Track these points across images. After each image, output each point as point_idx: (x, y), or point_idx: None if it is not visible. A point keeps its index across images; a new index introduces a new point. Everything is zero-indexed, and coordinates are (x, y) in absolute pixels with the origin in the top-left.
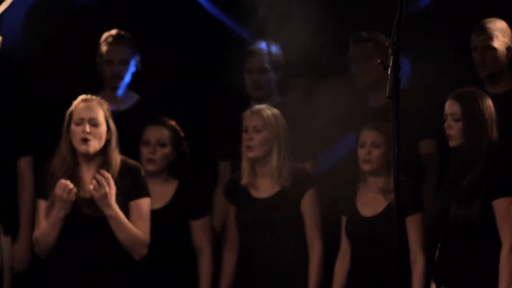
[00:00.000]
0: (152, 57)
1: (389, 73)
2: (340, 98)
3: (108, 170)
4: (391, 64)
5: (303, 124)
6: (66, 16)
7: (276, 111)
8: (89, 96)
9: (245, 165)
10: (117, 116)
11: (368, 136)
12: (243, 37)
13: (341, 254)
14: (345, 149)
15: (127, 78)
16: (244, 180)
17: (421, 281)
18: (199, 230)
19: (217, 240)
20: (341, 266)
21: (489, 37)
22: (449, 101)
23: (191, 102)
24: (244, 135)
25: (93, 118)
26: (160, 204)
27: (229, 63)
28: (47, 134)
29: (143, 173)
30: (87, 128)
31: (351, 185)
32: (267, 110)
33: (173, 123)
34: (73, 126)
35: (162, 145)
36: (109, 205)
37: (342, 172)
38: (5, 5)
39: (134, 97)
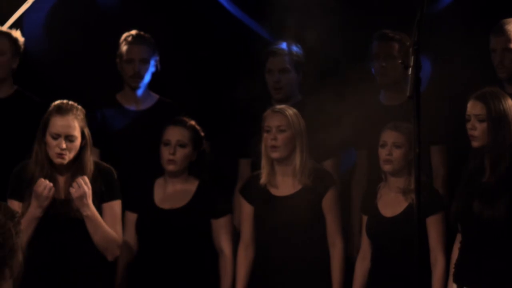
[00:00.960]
0: (172, 57)
1: (409, 73)
2: (355, 97)
3: (83, 173)
4: (412, 64)
5: (323, 123)
6: (87, 16)
7: (295, 110)
8: (64, 104)
9: (265, 164)
10: (137, 116)
11: (390, 136)
12: (264, 37)
13: (361, 254)
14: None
15: (147, 77)
16: (264, 179)
17: (441, 282)
18: (220, 229)
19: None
20: (361, 265)
21: (508, 39)
22: (472, 101)
23: (211, 102)
24: (266, 134)
25: (69, 135)
26: (180, 203)
27: (249, 63)
28: None
29: (115, 176)
30: (63, 144)
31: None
32: (289, 109)
33: (193, 122)
34: (49, 138)
35: (182, 145)
36: (87, 205)
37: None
38: (26, 5)
39: (154, 97)
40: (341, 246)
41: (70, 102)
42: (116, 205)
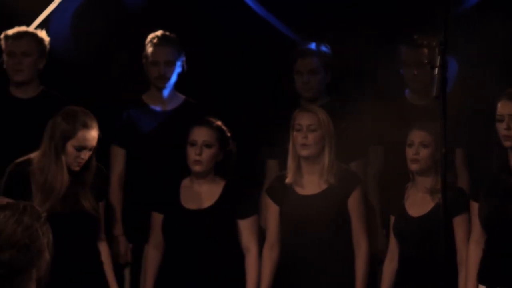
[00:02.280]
0: (199, 57)
1: (436, 73)
2: (382, 97)
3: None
4: (438, 64)
5: (351, 124)
6: (113, 16)
7: (323, 110)
8: (88, 118)
9: (291, 163)
10: (163, 117)
11: (417, 135)
12: (292, 37)
13: (389, 254)
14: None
15: (173, 78)
16: (289, 179)
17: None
18: (247, 229)
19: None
20: (389, 265)
21: None
22: (503, 101)
23: (238, 102)
24: (296, 133)
25: (93, 146)
26: (207, 204)
27: (277, 63)
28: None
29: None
30: (87, 155)
31: None
32: (318, 109)
33: (219, 123)
34: (71, 149)
35: (208, 145)
36: None
37: None
38: (53, 5)
39: (181, 97)
40: (366, 246)
41: (87, 112)
42: (103, 206)
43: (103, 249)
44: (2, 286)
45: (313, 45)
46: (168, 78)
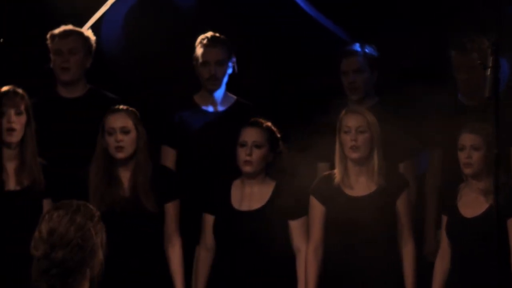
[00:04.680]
0: (251, 58)
1: (488, 73)
2: (433, 97)
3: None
4: (490, 65)
5: (401, 124)
6: (165, 17)
7: (370, 111)
8: (115, 107)
9: (339, 164)
10: (214, 117)
11: (467, 139)
12: (340, 37)
13: (440, 253)
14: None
15: (224, 79)
16: (338, 180)
17: None
18: (297, 230)
19: None
20: (441, 265)
21: None
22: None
23: (288, 103)
24: (344, 135)
25: (125, 128)
26: (258, 205)
27: (326, 63)
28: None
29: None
30: (120, 137)
31: None
32: (365, 110)
33: (269, 124)
34: (107, 137)
35: (259, 146)
36: None
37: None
38: (106, 6)
39: (232, 98)
40: (413, 247)
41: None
42: (176, 204)
43: (174, 254)
44: (55, 285)
45: (357, 45)
46: (219, 79)
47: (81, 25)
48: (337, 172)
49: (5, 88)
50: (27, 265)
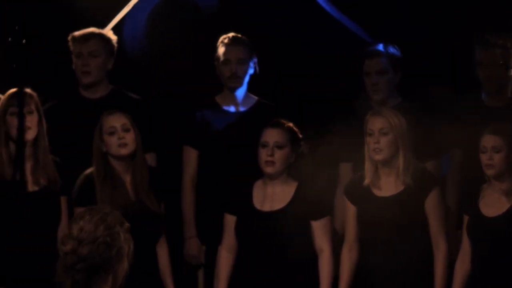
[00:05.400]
0: (272, 59)
1: (511, 74)
2: (456, 97)
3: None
4: None
5: (424, 125)
6: (188, 18)
7: (397, 112)
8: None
9: (369, 166)
10: (236, 118)
11: (489, 141)
12: (364, 39)
13: (461, 253)
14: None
15: (246, 78)
16: (368, 181)
17: None
18: (320, 230)
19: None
20: (461, 266)
21: None
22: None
23: (311, 104)
24: (368, 138)
25: (125, 125)
26: (280, 205)
27: (349, 64)
28: (171, 133)
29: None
30: (123, 135)
31: None
32: (390, 112)
33: (291, 124)
34: (106, 138)
35: (280, 147)
36: None
37: None
38: (128, 7)
39: (253, 99)
40: (445, 249)
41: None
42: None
43: (162, 253)
44: (79, 280)
45: (380, 46)
46: (241, 77)
47: (104, 25)
48: (367, 173)
49: (13, 90)
50: (48, 265)
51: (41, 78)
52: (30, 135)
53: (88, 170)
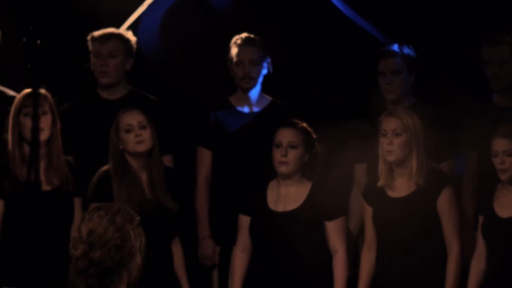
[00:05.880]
0: (286, 59)
1: None
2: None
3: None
4: None
5: (437, 126)
6: (202, 18)
7: (411, 112)
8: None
9: (382, 167)
10: (250, 118)
11: (500, 144)
12: (378, 38)
13: (476, 254)
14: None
15: (259, 79)
16: (382, 182)
17: None
18: (334, 231)
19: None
20: (476, 266)
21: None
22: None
23: (325, 105)
24: (382, 138)
25: (141, 122)
26: (293, 205)
27: (363, 64)
28: (185, 133)
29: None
30: (140, 132)
31: None
32: (404, 112)
33: (304, 124)
34: (124, 135)
35: (294, 147)
36: None
37: None
38: (143, 7)
39: (267, 99)
40: (458, 249)
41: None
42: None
43: (178, 251)
44: (92, 285)
45: (395, 46)
46: (253, 78)
47: (118, 25)
48: (381, 174)
49: (26, 90)
50: (61, 265)
51: (56, 79)
52: (43, 136)
53: (105, 167)
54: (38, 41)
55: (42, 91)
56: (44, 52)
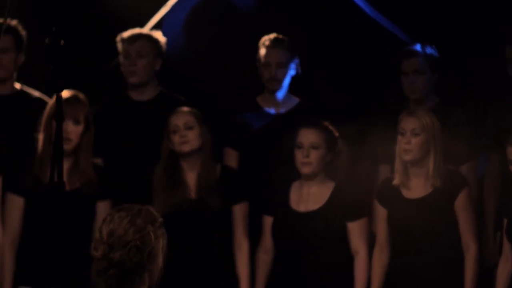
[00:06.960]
0: (314, 60)
1: None
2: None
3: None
4: None
5: (462, 124)
6: (228, 18)
7: (431, 113)
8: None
9: (398, 166)
10: (276, 119)
11: None
12: (402, 38)
13: (503, 256)
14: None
15: (286, 81)
16: (397, 181)
17: None
18: (356, 232)
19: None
20: (504, 268)
21: None
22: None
23: (350, 104)
24: (400, 137)
25: (188, 123)
26: (316, 206)
27: (386, 64)
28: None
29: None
30: (186, 133)
31: None
32: (424, 112)
33: (326, 123)
34: (171, 136)
35: (316, 147)
36: None
37: None
38: (167, 7)
39: (295, 100)
40: (475, 250)
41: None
42: (246, 207)
43: (240, 258)
44: (112, 285)
45: (418, 46)
46: (280, 80)
47: (142, 25)
48: (396, 173)
49: (67, 94)
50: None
51: (81, 80)
52: (69, 145)
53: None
54: (62, 42)
55: (81, 96)
56: (67, 53)
